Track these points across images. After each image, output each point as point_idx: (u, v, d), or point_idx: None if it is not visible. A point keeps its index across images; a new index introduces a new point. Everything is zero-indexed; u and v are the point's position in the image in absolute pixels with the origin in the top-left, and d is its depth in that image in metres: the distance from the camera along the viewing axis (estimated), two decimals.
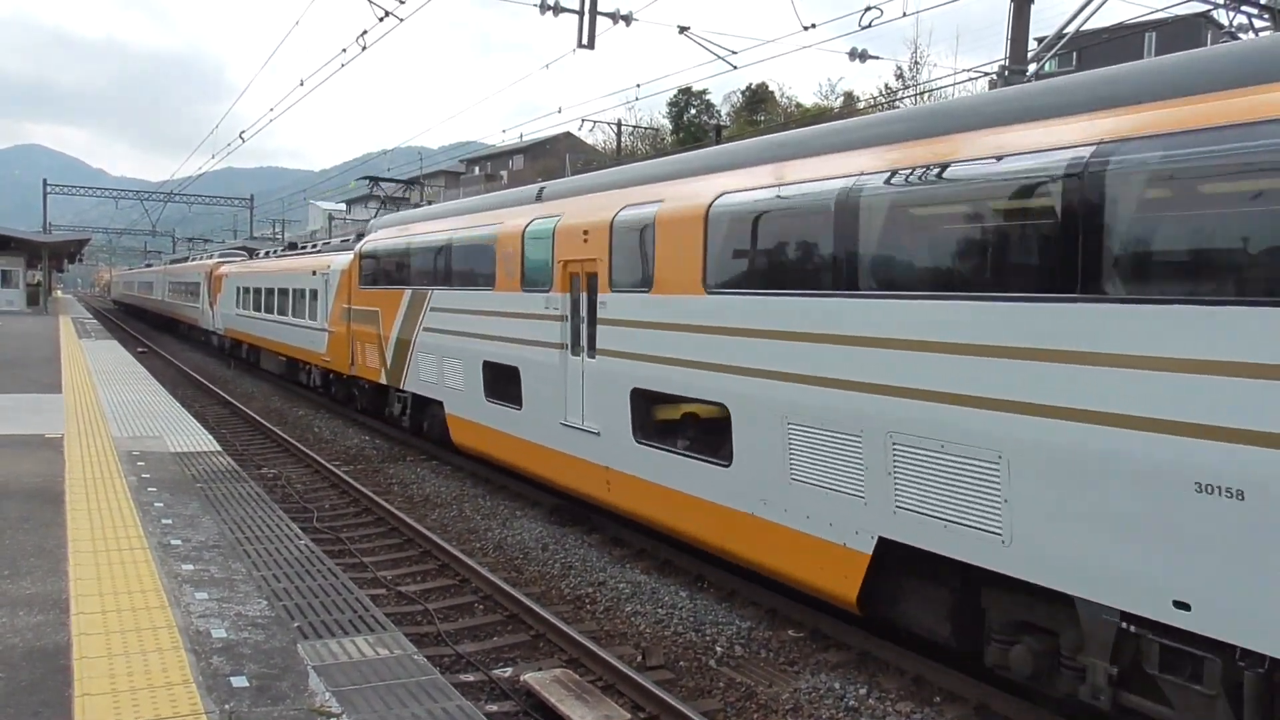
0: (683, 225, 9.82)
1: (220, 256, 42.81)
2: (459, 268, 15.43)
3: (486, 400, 14.06)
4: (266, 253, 36.35)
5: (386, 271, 18.78)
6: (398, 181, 27.66)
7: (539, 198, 13.43)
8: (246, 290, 31.86)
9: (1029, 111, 6.77)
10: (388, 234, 19.09)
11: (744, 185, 9.26)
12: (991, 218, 6.95)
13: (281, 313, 26.93)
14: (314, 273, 23.74)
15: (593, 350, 11.41)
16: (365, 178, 27.18)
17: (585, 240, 11.57)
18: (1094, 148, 6.09)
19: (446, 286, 15.68)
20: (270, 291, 28.43)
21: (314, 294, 23.50)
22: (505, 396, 13.51)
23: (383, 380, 18.68)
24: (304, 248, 30.78)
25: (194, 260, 50.54)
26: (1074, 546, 6.13)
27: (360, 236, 22.34)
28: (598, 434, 11.26)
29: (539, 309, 12.48)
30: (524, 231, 13.04)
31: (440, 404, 15.89)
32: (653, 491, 10.36)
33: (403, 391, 17.86)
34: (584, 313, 11.64)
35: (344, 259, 21.51)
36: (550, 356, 12.19)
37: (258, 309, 30.02)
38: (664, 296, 10.10)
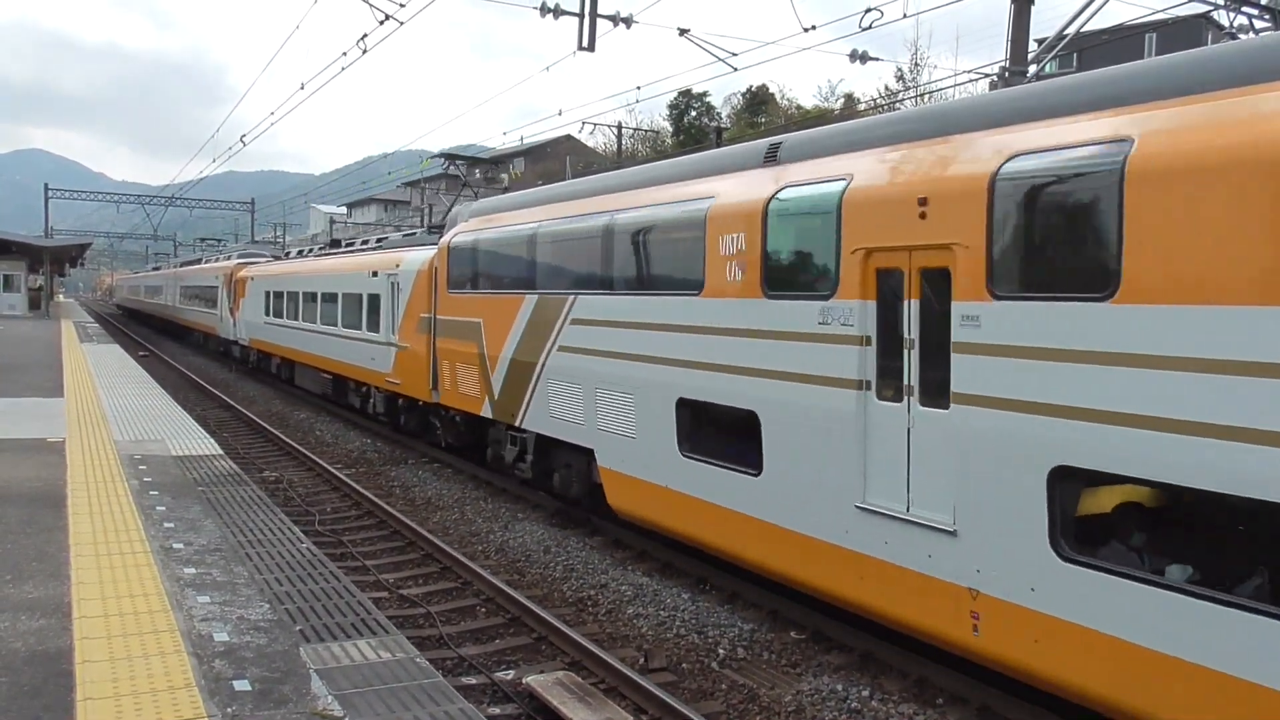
0: (1215, 179, 5.59)
1: (240, 258, 38.35)
2: (626, 264, 11.21)
3: (682, 456, 9.93)
4: (301, 251, 32.03)
5: (493, 271, 14.56)
6: (482, 161, 24.03)
7: (773, 158, 9.25)
8: (279, 295, 27.60)
9: None
10: (491, 222, 14.83)
11: None
12: None
13: (328, 322, 22.73)
14: (374, 274, 19.61)
15: (939, 395, 7.14)
16: (440, 155, 23.45)
17: (922, 214, 7.26)
18: None
19: (602, 290, 11.48)
20: (312, 297, 24.18)
21: (375, 300, 19.48)
22: (723, 454, 9.45)
23: (485, 413, 14.41)
24: (349, 243, 26.34)
25: (209, 262, 45.85)
26: None
27: (436, 229, 18.85)
28: (952, 533, 7.03)
29: (806, 325, 8.28)
30: (766, 207, 8.85)
31: (587, 453, 11.83)
32: (1115, 652, 6.04)
33: (520, 430, 13.51)
34: (912, 333, 7.40)
35: (421, 256, 17.38)
36: (832, 400, 8.02)
37: (294, 317, 25.79)
38: (1161, 309, 5.83)
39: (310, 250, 30.46)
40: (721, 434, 9.63)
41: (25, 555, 6.96)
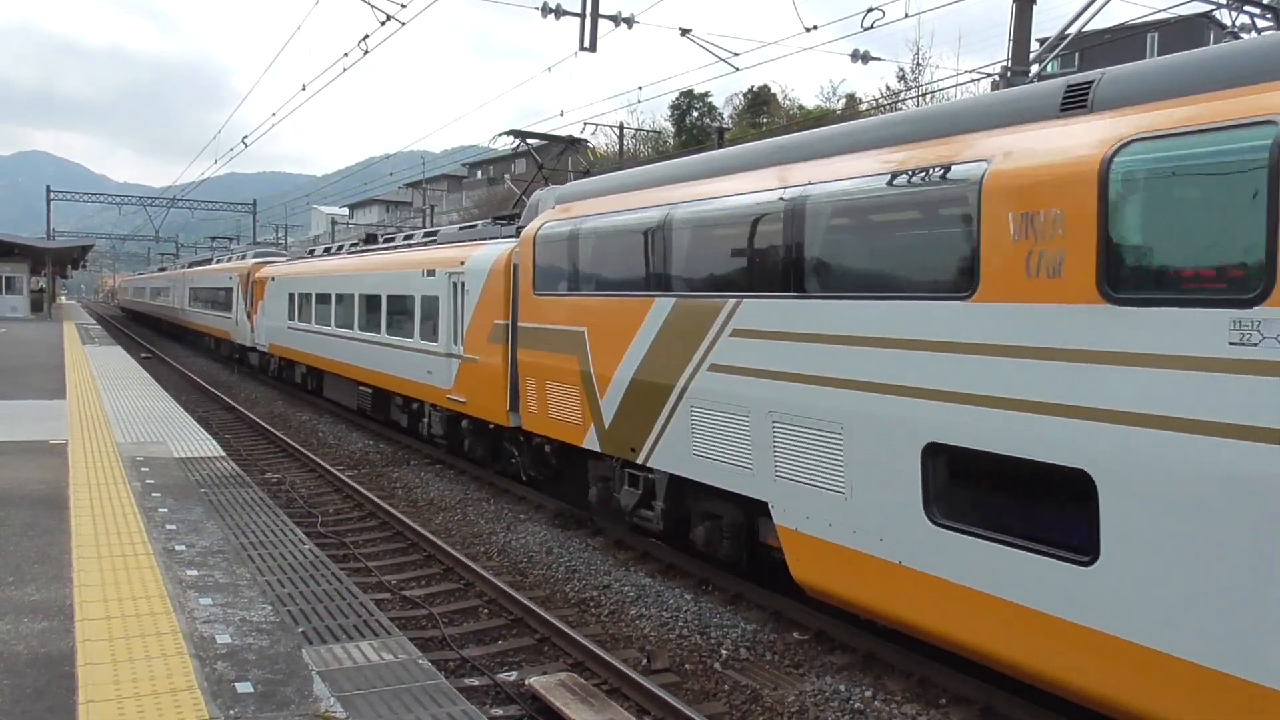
0: None
1: (256, 256, 35.67)
2: (828, 256, 8.40)
3: (933, 523, 7.10)
4: (328, 249, 28.89)
5: (602, 267, 11.73)
6: (559, 139, 20.29)
7: (1080, 103, 6.65)
8: (306, 297, 24.90)
9: None
10: (593, 207, 12.04)
11: None
12: None
13: (368, 328, 20.09)
14: (429, 273, 16.90)
15: None
16: (510, 132, 19.59)
17: None
18: None
19: (785, 293, 8.54)
20: (347, 299, 21.53)
21: (431, 303, 16.75)
22: (1013, 526, 6.63)
23: (589, 444, 11.63)
24: (387, 238, 23.64)
25: (220, 261, 42.66)
26: None
27: (503, 219, 16.41)
28: None
29: (1198, 345, 5.59)
30: (1105, 170, 6.09)
31: (754, 505, 9.16)
32: None
33: (645, 470, 10.82)
34: None
35: (492, 252, 14.68)
36: (1259, 461, 5.32)
37: (325, 322, 23.10)
38: None
39: (341, 247, 27.15)
40: (1011, 498, 6.80)
41: (28, 558, 6.96)
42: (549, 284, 12.68)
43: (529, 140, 19.26)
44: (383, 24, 16.10)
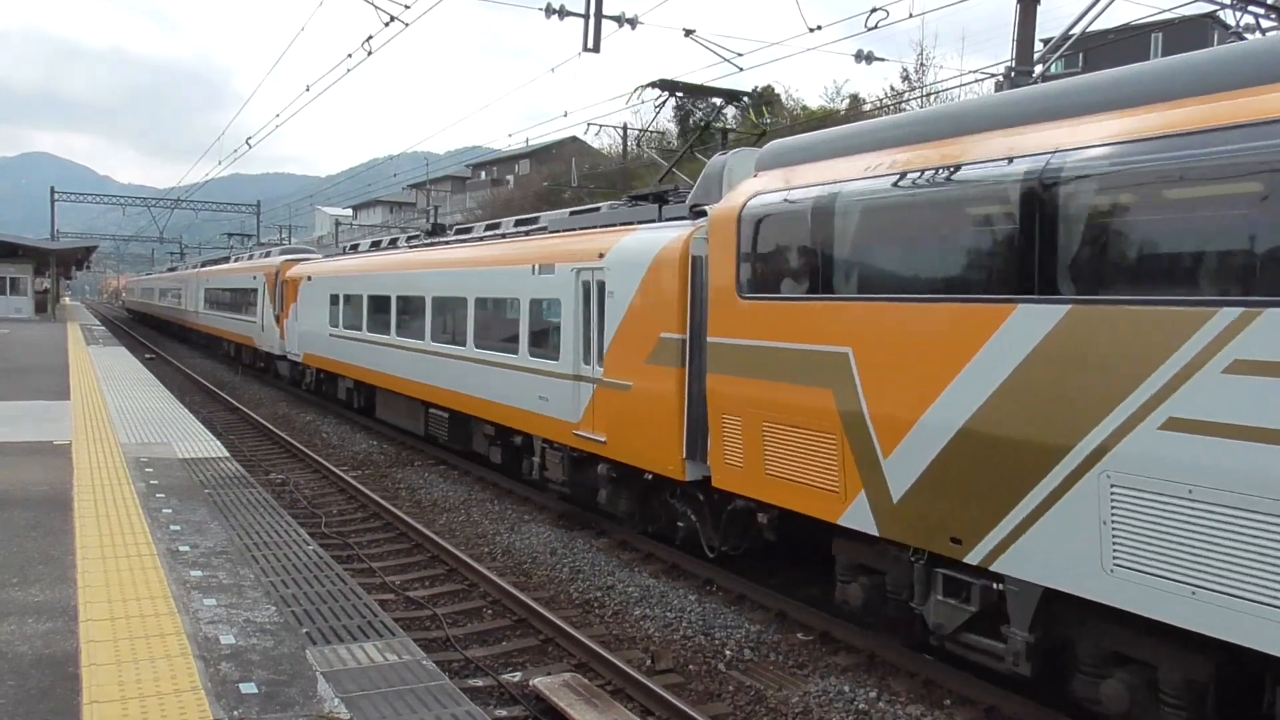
0: None
1: (283, 253, 31.79)
2: None
3: None
4: (376, 243, 24.42)
5: (888, 257, 7.90)
6: (716, 92, 16.61)
7: None
8: (355, 300, 21.23)
9: None
10: (853, 169, 8.09)
11: None
12: None
13: (445, 338, 16.32)
14: (543, 268, 13.18)
15: None
16: (657, 84, 15.04)
17: None
18: None
19: None
20: (413, 302, 17.72)
21: (548, 308, 13.15)
22: None
23: (858, 523, 7.80)
24: (461, 230, 20.03)
25: (240, 260, 38.32)
26: None
27: (641, 199, 12.74)
28: None
29: None
30: None
31: (1269, 664, 5.45)
32: None
33: (983, 575, 6.91)
34: None
35: (656, 238, 10.84)
36: None
37: (381, 329, 19.35)
38: None
39: (395, 240, 23.17)
40: None
41: (31, 558, 6.96)
42: (772, 281, 8.94)
43: (678, 94, 15.28)
44: (386, 25, 16.12)
